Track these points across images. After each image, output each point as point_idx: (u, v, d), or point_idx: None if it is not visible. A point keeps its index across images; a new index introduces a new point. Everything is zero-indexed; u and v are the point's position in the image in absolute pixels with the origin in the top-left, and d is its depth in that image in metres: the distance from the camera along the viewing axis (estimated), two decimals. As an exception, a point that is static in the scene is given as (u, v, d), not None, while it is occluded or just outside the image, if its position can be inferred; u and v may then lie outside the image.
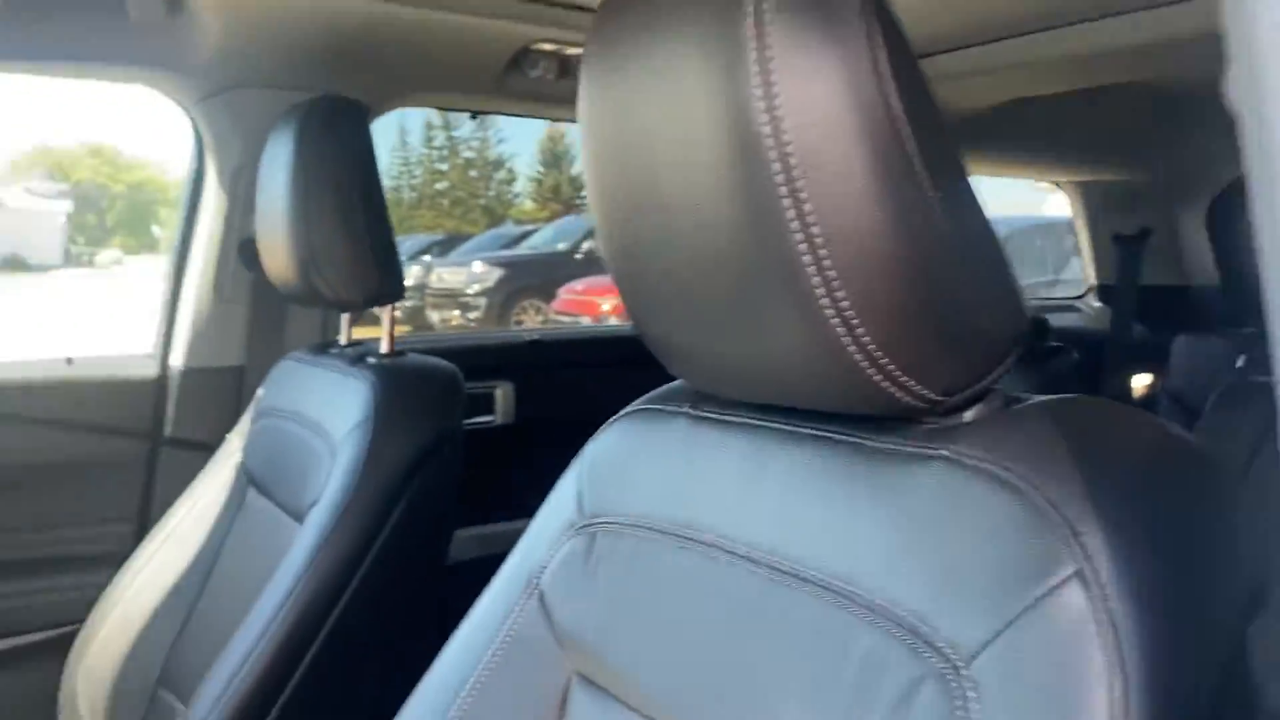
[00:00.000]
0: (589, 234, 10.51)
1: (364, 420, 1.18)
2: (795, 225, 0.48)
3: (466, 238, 12.73)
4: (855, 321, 0.49)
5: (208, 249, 1.61)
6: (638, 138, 0.54)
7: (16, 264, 28.85)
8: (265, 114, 1.50)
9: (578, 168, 16.13)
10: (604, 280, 9.14)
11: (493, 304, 9.51)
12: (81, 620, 1.43)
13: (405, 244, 16.60)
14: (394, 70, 1.58)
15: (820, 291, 0.48)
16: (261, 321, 1.64)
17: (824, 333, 0.50)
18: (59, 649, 1.43)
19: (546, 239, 10.81)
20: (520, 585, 0.74)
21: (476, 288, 9.58)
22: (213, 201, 1.60)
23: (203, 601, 1.38)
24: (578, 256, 9.91)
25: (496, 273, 9.65)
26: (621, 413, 0.76)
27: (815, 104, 0.47)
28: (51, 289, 21.72)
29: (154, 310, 1.66)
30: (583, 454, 0.76)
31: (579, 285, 8.97)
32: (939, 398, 0.53)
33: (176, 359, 1.61)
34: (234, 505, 1.41)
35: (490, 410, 1.80)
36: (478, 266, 9.79)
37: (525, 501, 1.77)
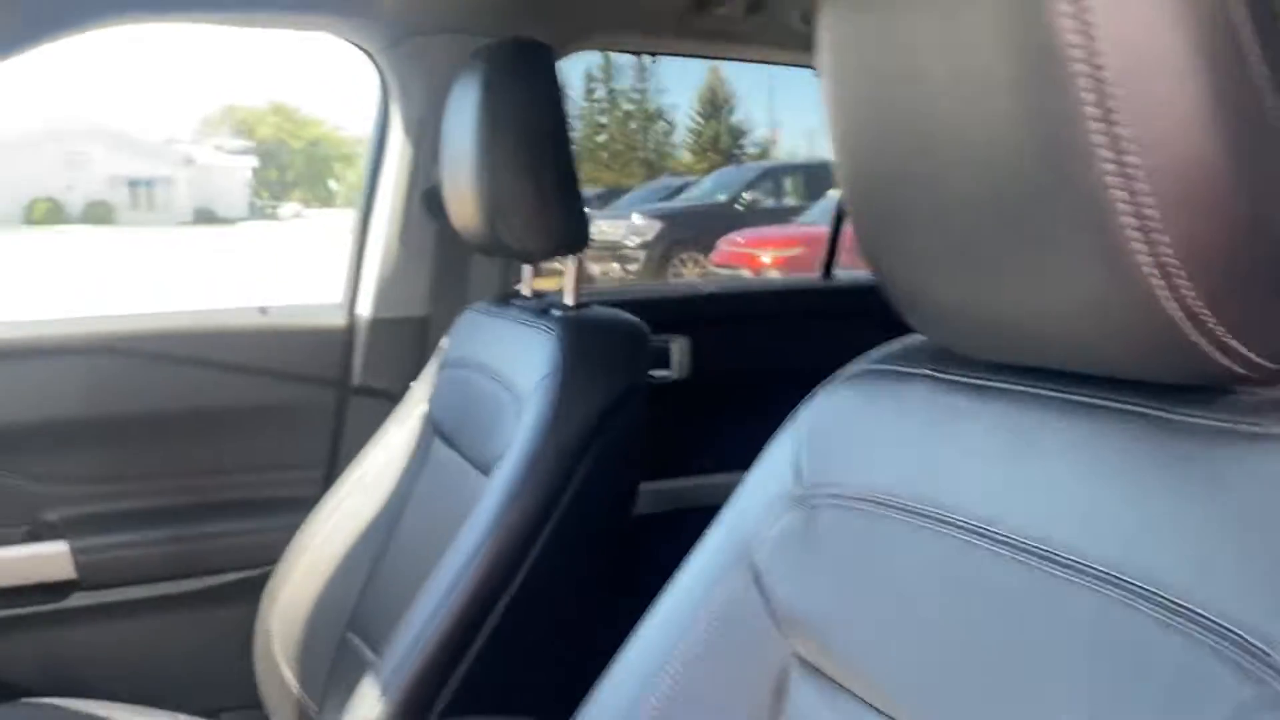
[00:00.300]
0: (749, 185, 10.33)
1: (550, 374, 1.14)
2: (1107, 156, 0.39)
3: (625, 191, 12.74)
4: (1177, 271, 0.39)
5: (393, 199, 1.61)
6: (900, 64, 0.46)
7: (207, 216, 30.88)
8: (450, 60, 1.47)
9: (738, 116, 15.87)
10: (765, 232, 8.98)
11: (651, 256, 9.50)
12: (274, 562, 1.46)
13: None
14: (578, 11, 1.53)
15: (1134, 235, 0.39)
16: (446, 272, 1.64)
17: (1134, 283, 0.40)
18: (253, 589, 1.47)
19: (705, 191, 10.69)
20: (729, 560, 0.67)
21: (635, 240, 9.57)
22: (397, 151, 1.60)
23: (390, 549, 1.39)
24: (737, 208, 9.77)
25: (655, 225, 9.62)
26: (844, 373, 0.67)
27: (1136, 10, 0.37)
28: (240, 241, 23.13)
29: (340, 260, 1.68)
30: (797, 418, 0.68)
31: (739, 237, 8.82)
32: (1268, 364, 0.42)
33: (363, 309, 1.63)
34: (420, 455, 1.40)
35: (666, 365, 1.75)
36: (636, 219, 9.77)
37: (702, 458, 1.72)
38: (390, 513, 1.40)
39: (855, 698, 0.58)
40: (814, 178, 12.03)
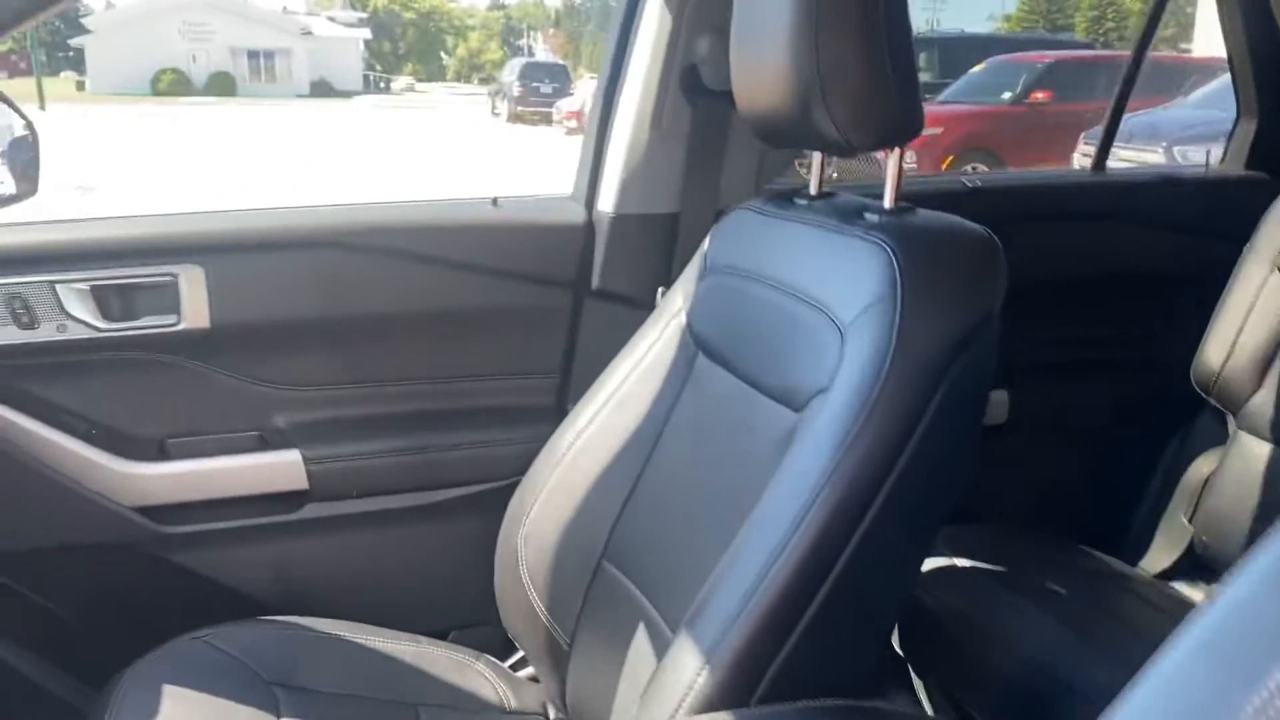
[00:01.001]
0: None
1: (884, 296, 0.94)
2: None
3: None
4: None
5: (645, 78, 1.40)
6: None
7: (324, 89, 31.09)
8: None
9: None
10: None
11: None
12: (509, 476, 1.34)
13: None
14: None
15: None
16: (698, 164, 1.44)
17: None
18: (486, 504, 1.35)
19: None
20: None
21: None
22: (654, 21, 1.39)
23: (649, 471, 1.24)
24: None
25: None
26: None
27: None
28: (358, 113, 23.29)
29: (576, 149, 1.50)
30: None
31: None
32: None
33: (605, 204, 1.45)
34: (681, 371, 1.24)
35: None
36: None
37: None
38: (647, 433, 1.24)
39: None
40: (950, 52, 11.20)
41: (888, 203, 1.06)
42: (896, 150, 1.05)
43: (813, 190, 1.18)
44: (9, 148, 1.32)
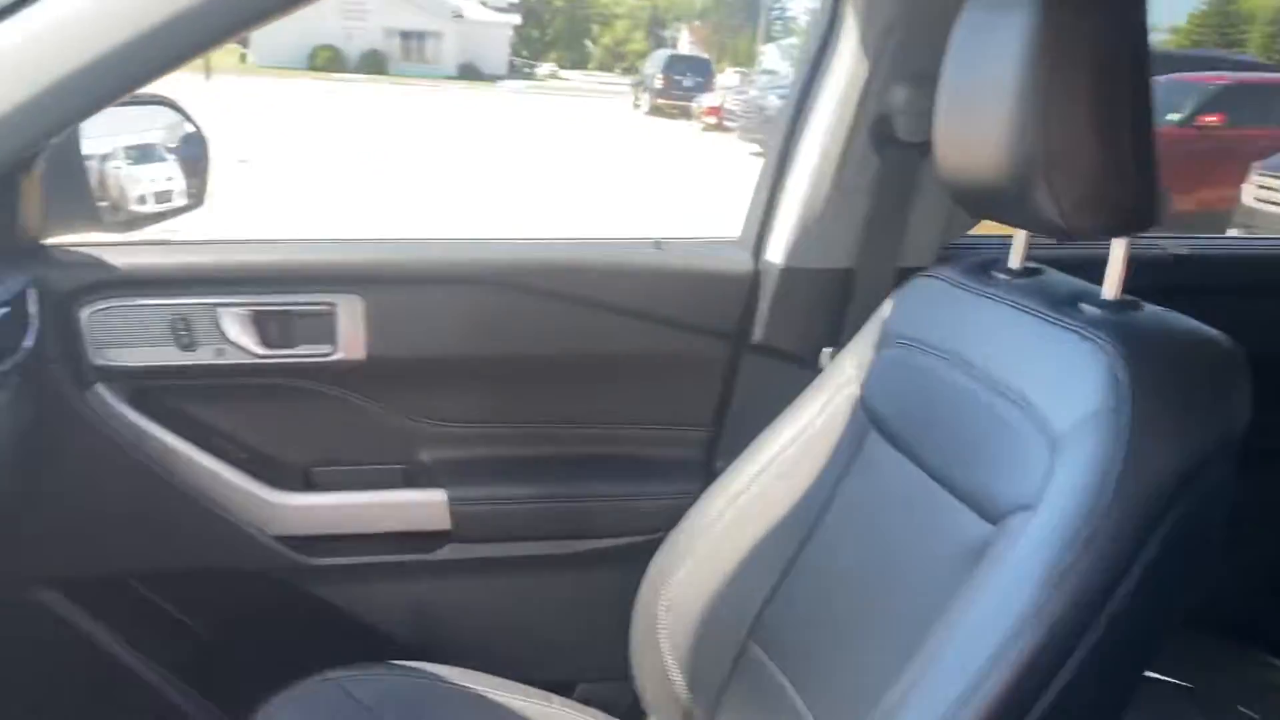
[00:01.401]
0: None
1: (1109, 409, 0.83)
2: None
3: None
4: None
5: (832, 125, 1.31)
6: None
7: (471, 72, 31.75)
8: None
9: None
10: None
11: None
12: (652, 531, 1.28)
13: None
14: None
15: None
16: (879, 220, 1.35)
17: None
18: (627, 558, 1.29)
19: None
20: None
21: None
22: (846, 65, 1.29)
23: (808, 552, 1.15)
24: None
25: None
26: None
27: None
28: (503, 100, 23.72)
29: (746, 194, 1.42)
30: None
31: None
32: None
33: (774, 254, 1.37)
34: (849, 447, 1.14)
35: None
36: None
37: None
38: (808, 510, 1.16)
39: None
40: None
41: (1108, 293, 0.94)
42: (1124, 240, 0.94)
43: (1014, 264, 1.07)
44: (180, 144, 1.32)
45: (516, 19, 35.71)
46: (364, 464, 1.36)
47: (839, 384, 1.17)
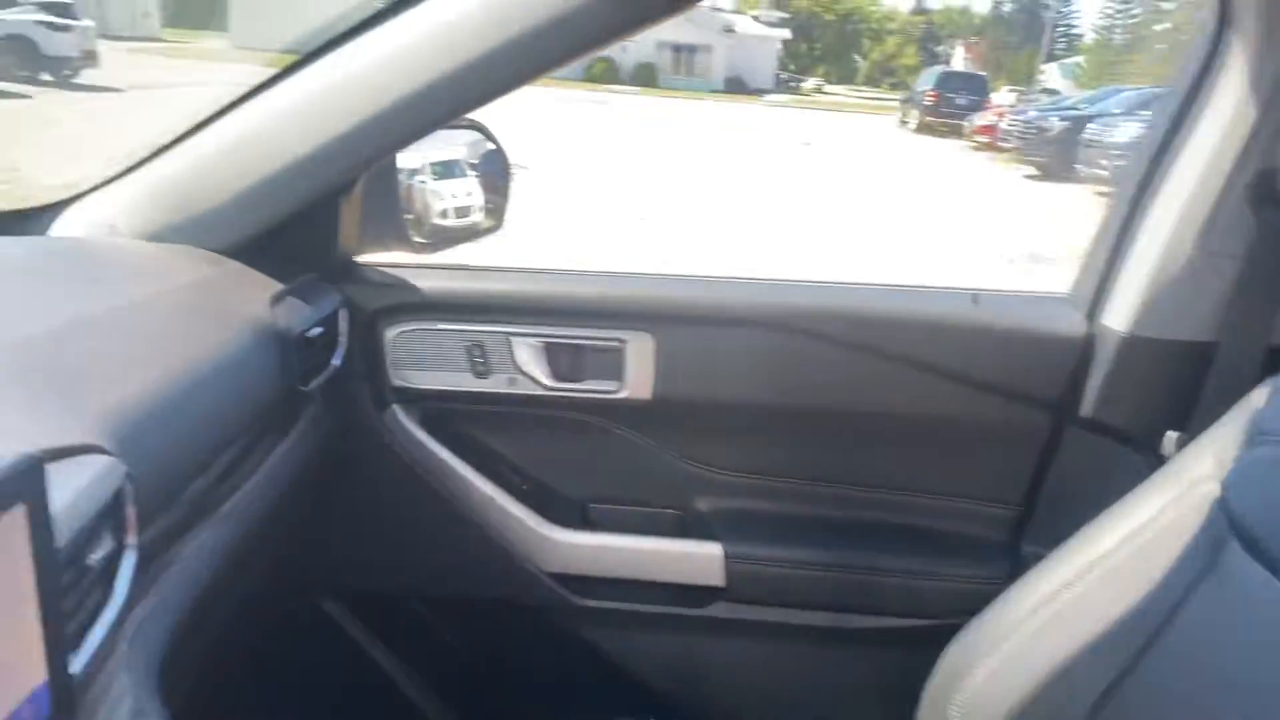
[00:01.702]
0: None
1: None
2: None
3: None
4: None
5: (1200, 180, 1.13)
6: None
7: (737, 85, 32.03)
8: None
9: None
10: None
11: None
12: (946, 616, 1.14)
13: (1109, 97, 14.74)
14: None
15: None
16: (1251, 289, 1.14)
17: None
18: (919, 643, 1.16)
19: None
20: None
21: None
22: (1223, 115, 1.10)
23: (1139, 676, 0.98)
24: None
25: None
26: None
27: None
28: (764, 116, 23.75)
29: (1078, 247, 1.25)
30: None
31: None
32: None
33: (1115, 318, 1.19)
34: (1201, 557, 0.96)
35: None
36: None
37: None
38: (1142, 625, 0.99)
39: None
40: None
41: None
42: None
43: None
44: (481, 161, 1.32)
45: (786, 33, 35.66)
46: (641, 505, 1.31)
47: (1193, 479, 0.99)
